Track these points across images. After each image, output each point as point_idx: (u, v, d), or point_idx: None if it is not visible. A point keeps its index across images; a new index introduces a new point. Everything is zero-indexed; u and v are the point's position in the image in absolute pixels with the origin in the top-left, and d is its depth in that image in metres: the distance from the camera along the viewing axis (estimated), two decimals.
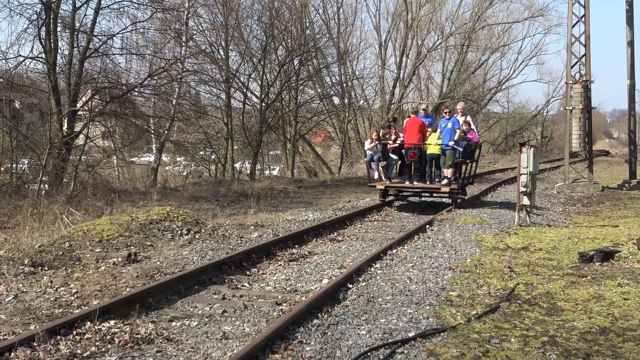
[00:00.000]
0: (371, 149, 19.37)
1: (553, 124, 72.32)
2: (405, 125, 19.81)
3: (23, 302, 8.52)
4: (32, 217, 15.28)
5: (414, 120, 19.38)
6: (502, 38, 62.04)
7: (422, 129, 19.12)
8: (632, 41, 27.95)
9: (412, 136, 19.10)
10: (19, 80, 25.62)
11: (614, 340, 7.22)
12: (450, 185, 18.36)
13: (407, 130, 19.42)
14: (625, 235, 13.72)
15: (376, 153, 19.40)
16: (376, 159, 19.45)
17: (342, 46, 48.16)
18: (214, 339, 7.21)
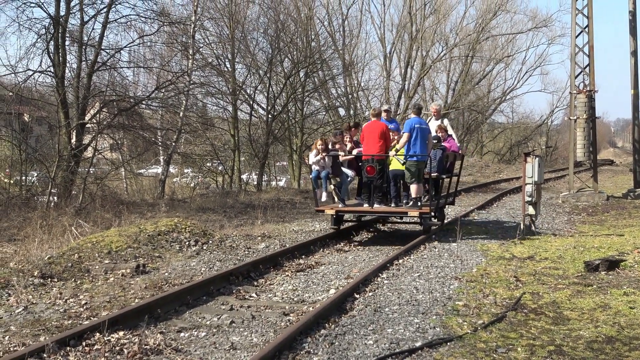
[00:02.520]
0: (317, 163, 15.01)
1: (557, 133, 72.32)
2: (363, 131, 15.45)
3: (33, 313, 8.54)
4: (41, 229, 15.30)
5: (374, 125, 15.06)
6: (506, 49, 62.06)
7: (385, 135, 14.82)
8: (635, 51, 27.92)
9: (372, 145, 14.77)
10: (28, 94, 25.70)
11: (620, 349, 7.20)
12: (419, 209, 14.34)
13: (366, 138, 15.05)
14: (630, 244, 13.68)
15: (324, 168, 15.01)
16: (324, 175, 14.99)
17: (347, 58, 48.20)
18: (222, 349, 7.21)
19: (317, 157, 14.94)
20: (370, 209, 14.95)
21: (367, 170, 14.47)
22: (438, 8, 57.20)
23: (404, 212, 14.62)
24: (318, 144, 15.15)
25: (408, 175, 14.42)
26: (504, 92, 64.85)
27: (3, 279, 10.07)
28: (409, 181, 14.50)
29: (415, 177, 14.32)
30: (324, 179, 15.02)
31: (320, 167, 14.99)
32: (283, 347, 6.96)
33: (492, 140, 66.28)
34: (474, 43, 57.99)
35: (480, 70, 61.68)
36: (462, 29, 59.33)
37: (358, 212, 15.80)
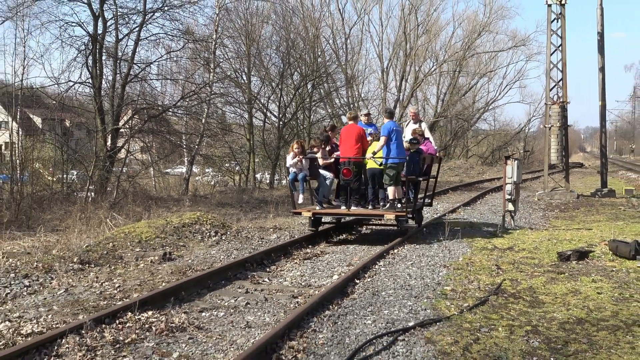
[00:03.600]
0: (294, 165, 13.66)
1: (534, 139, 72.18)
2: (341, 134, 14.08)
3: (72, 295, 8.55)
4: (80, 220, 15.33)
5: (351, 128, 13.72)
6: (489, 65, 62.12)
7: (362, 139, 13.56)
8: (603, 67, 27.90)
9: (348, 148, 13.48)
10: (69, 102, 25.80)
11: (589, 329, 7.18)
12: (396, 211, 13.03)
13: (343, 141, 13.74)
14: (598, 237, 13.65)
15: (301, 170, 13.66)
16: (301, 177, 13.63)
17: (349, 72, 48.30)
18: (238, 327, 7.21)
19: (294, 160, 13.57)
20: (346, 212, 13.50)
21: (344, 173, 13.22)
22: (429, 28, 57.41)
23: (381, 214, 13.16)
24: (295, 147, 13.74)
25: (386, 178, 13.01)
26: (487, 102, 64.90)
27: (47, 265, 10.08)
28: (387, 183, 13.05)
29: (393, 180, 12.97)
30: (301, 181, 13.67)
31: (297, 169, 13.65)
32: (292, 326, 6.96)
33: (477, 145, 66.20)
34: (460, 59, 58.11)
35: (466, 83, 61.79)
36: (450, 47, 59.45)
37: (335, 215, 14.04)
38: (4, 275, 9.42)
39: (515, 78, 65.13)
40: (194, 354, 6.22)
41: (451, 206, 21.35)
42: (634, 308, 8.09)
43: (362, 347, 6.39)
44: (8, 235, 13.74)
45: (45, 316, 7.37)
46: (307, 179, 13.82)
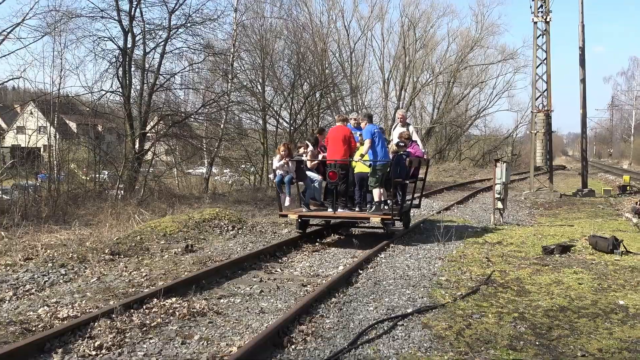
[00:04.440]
0: (281, 168, 12.45)
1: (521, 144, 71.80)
2: (328, 136, 12.74)
3: (104, 282, 8.58)
4: (111, 216, 15.36)
5: (339, 130, 12.35)
6: (480, 76, 62.02)
7: (348, 140, 12.26)
8: (584, 79, 27.83)
9: (335, 150, 12.24)
10: (101, 109, 25.88)
11: (571, 316, 7.17)
12: (382, 214, 11.87)
13: (330, 143, 12.46)
14: (579, 233, 13.64)
15: (288, 173, 12.47)
16: (287, 180, 12.44)
17: (353, 82, 48.34)
18: (253, 313, 7.22)
19: (280, 162, 12.40)
20: (333, 214, 12.26)
21: (329, 176, 12.18)
22: (427, 43, 57.47)
23: (367, 217, 12.12)
24: (281, 150, 12.61)
25: (372, 180, 11.92)
26: (479, 110, 64.76)
27: (81, 255, 10.12)
28: (372, 185, 11.95)
29: (378, 182, 11.89)
30: (287, 183, 12.48)
31: (283, 171, 12.46)
32: (302, 312, 6.96)
33: (469, 149, 66.00)
34: (454, 71, 58.14)
35: (460, 93, 61.71)
36: (445, 60, 59.51)
37: (321, 217, 12.79)
38: (42, 265, 9.47)
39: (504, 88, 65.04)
40: (213, 337, 6.23)
41: (446, 204, 21.31)
42: (611, 297, 8.08)
43: (365, 331, 6.40)
44: (46, 228, 13.79)
45: (79, 302, 7.40)
46: (293, 182, 12.56)
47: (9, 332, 6.19)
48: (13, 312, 6.97)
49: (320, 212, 12.63)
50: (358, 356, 5.69)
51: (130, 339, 6.07)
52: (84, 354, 5.65)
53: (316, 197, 12.95)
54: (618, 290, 8.50)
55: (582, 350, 5.97)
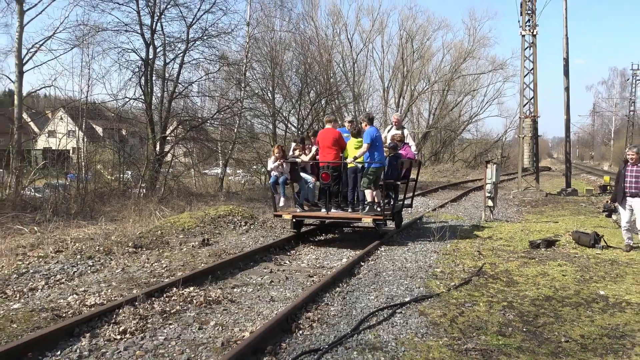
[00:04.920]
0: (275, 169, 11.94)
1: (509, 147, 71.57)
2: (317, 138, 11.87)
3: (128, 273, 8.61)
4: (134, 212, 15.40)
5: (327, 133, 11.49)
6: (472, 85, 61.85)
7: (338, 142, 11.47)
8: (568, 87, 27.71)
9: (327, 152, 11.49)
10: (125, 115, 25.92)
11: (555, 305, 7.16)
12: (373, 215, 11.02)
13: (320, 145, 11.66)
14: (563, 229, 13.60)
15: (282, 174, 11.97)
16: (281, 181, 11.98)
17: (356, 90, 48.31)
18: (264, 301, 7.23)
19: (275, 164, 11.86)
20: (325, 215, 11.53)
21: (322, 177, 11.53)
22: (423, 54, 57.41)
23: (358, 218, 11.27)
24: (275, 151, 12.06)
25: (365, 181, 11.03)
26: (471, 116, 64.57)
27: (107, 248, 10.15)
28: (364, 186, 11.06)
29: (371, 183, 11.03)
30: (282, 184, 12.01)
31: (278, 172, 11.93)
32: (309, 300, 6.97)
33: (462, 151, 65.82)
34: (449, 80, 58.05)
35: (453, 100, 61.56)
36: (440, 70, 59.43)
37: (314, 217, 12.02)
38: (71, 257, 9.51)
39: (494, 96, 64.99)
40: (227, 323, 6.25)
41: (441, 202, 21.28)
42: (593, 287, 8.06)
43: (367, 318, 6.40)
44: (75, 224, 13.82)
45: (105, 290, 7.43)
46: (287, 183, 12.10)
47: (42, 317, 6.23)
48: (45, 299, 7.01)
49: (313, 213, 11.89)
50: (360, 341, 5.70)
51: (151, 325, 6.09)
52: (110, 338, 5.67)
53: (309, 198, 12.31)
54: (599, 281, 8.48)
55: (565, 337, 5.96)
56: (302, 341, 5.68)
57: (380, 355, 5.32)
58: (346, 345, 5.57)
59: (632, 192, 10.72)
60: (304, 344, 5.60)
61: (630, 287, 8.13)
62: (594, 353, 5.52)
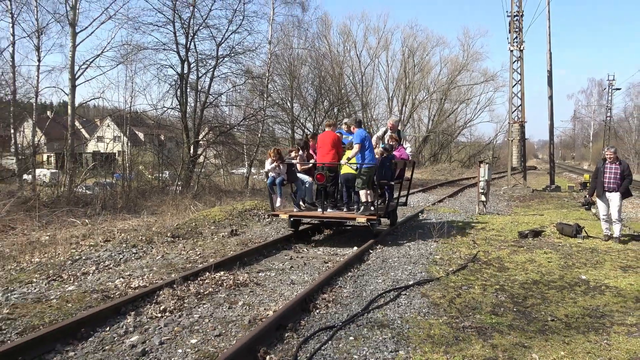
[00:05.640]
0: (273, 170, 10.89)
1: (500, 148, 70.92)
2: (318, 140, 11.18)
3: (167, 259, 8.66)
4: (171, 207, 15.50)
5: (327, 135, 10.81)
6: (466, 94, 61.48)
7: (337, 145, 10.76)
8: (551, 96, 27.43)
9: (324, 154, 10.73)
10: (163, 122, 26.09)
11: (542, 288, 7.09)
12: (367, 215, 10.05)
13: (319, 147, 10.97)
14: (548, 221, 13.46)
15: (279, 175, 10.90)
16: (278, 182, 10.90)
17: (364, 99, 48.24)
18: (285, 284, 7.23)
19: (272, 165, 10.83)
20: (321, 215, 10.52)
21: (317, 178, 10.50)
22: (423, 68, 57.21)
23: (353, 217, 10.22)
24: (271, 154, 10.94)
25: (359, 182, 10.08)
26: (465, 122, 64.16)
27: (148, 238, 10.21)
28: (358, 187, 10.14)
29: (365, 184, 10.09)
30: (279, 185, 10.95)
31: (275, 174, 10.89)
32: (324, 283, 6.96)
33: (457, 153, 65.39)
34: (446, 90, 57.77)
35: (450, 108, 61.28)
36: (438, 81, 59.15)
37: (310, 217, 10.85)
38: (118, 245, 9.58)
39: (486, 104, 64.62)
40: (253, 303, 6.25)
41: (439, 197, 21.16)
42: (575, 273, 7.97)
43: (375, 299, 6.38)
44: (121, 217, 13.94)
45: (147, 274, 7.48)
46: (284, 183, 11.00)
47: (93, 298, 6.27)
48: (96, 282, 7.06)
49: (309, 212, 10.83)
50: (370, 319, 5.67)
51: (188, 304, 6.11)
52: (152, 316, 5.70)
53: (307, 198, 11.32)
54: (581, 267, 8.38)
55: (551, 316, 5.89)
56: (318, 319, 5.67)
57: (387, 331, 5.30)
58: (357, 322, 5.55)
59: (610, 187, 10.61)
60: (321, 321, 5.59)
61: (608, 272, 8.03)
62: (577, 331, 5.45)
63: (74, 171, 20.33)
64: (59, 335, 4.93)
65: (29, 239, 10.32)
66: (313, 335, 5.15)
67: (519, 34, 27.01)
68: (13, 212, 12.68)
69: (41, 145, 24.81)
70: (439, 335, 5.20)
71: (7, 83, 19.92)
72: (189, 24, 23.32)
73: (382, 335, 5.17)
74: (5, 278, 7.31)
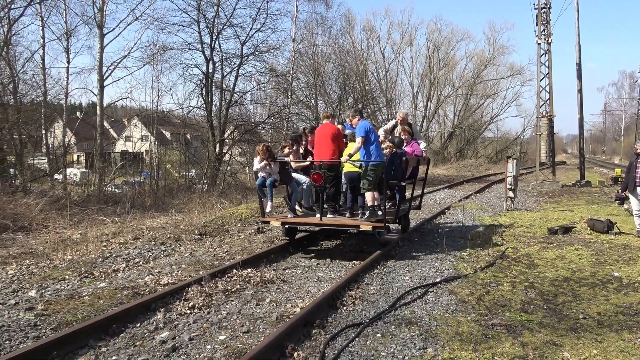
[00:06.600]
0: (263, 170, 9.08)
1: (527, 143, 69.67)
2: (315, 135, 9.44)
3: (195, 257, 8.75)
4: (198, 204, 15.63)
5: (325, 128, 9.09)
6: (493, 89, 60.47)
7: (337, 139, 9.01)
8: (581, 89, 26.88)
9: (323, 150, 9.03)
10: (189, 121, 26.42)
11: (573, 285, 6.96)
12: (373, 222, 8.35)
13: (317, 142, 9.25)
14: (578, 217, 13.21)
15: (270, 175, 9.08)
16: (269, 183, 9.06)
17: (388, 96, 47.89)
18: (312, 281, 7.25)
19: (261, 164, 9.03)
20: (319, 221, 8.73)
21: (314, 179, 8.67)
22: (448, 63, 56.60)
23: (356, 225, 8.44)
24: (260, 151, 9.08)
25: (365, 182, 8.44)
26: (492, 117, 63.16)
27: (176, 235, 10.34)
28: (364, 188, 8.47)
29: (372, 185, 8.43)
30: (269, 187, 9.10)
31: (266, 173, 9.08)
32: (351, 280, 6.96)
33: (484, 148, 64.51)
34: (471, 85, 57.03)
35: (476, 103, 60.34)
36: (464, 76, 58.41)
37: (305, 224, 9.25)
38: (147, 243, 9.73)
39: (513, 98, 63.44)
40: (280, 300, 6.29)
41: (466, 194, 20.92)
42: (607, 270, 7.81)
43: (402, 296, 6.35)
44: (149, 215, 14.15)
45: (176, 271, 7.57)
46: (276, 185, 9.27)
47: (124, 295, 6.38)
48: (126, 279, 7.19)
49: (305, 219, 9.13)
50: (397, 316, 5.65)
51: (216, 301, 6.18)
52: (181, 312, 5.78)
53: (304, 202, 9.64)
54: (613, 264, 8.21)
55: (583, 314, 5.78)
56: (346, 316, 5.67)
57: (415, 329, 5.27)
58: (385, 320, 5.53)
59: None
60: (348, 318, 5.59)
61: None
62: (610, 329, 5.34)
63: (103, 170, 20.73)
64: (92, 331, 5.03)
65: (61, 236, 10.56)
66: (340, 332, 5.16)
67: (547, 26, 26.50)
68: (46, 211, 12.98)
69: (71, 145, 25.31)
70: (468, 333, 5.15)
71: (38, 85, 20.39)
72: (213, 24, 23.55)
73: (409, 333, 5.15)
74: (39, 275, 7.50)
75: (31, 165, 19.97)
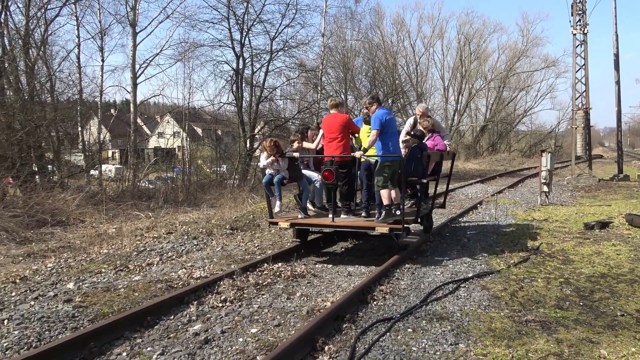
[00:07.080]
0: (270, 166, 8.30)
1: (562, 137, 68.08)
2: (322, 126, 8.50)
3: (226, 251, 8.85)
4: (230, 199, 15.79)
5: (333, 118, 8.24)
6: (526, 81, 59.24)
7: (346, 130, 8.20)
8: (618, 81, 26.06)
9: (331, 145, 8.20)
10: (220, 117, 26.66)
11: (610, 282, 6.79)
12: (390, 223, 7.58)
13: (325, 136, 8.37)
14: (616, 212, 12.83)
15: (278, 172, 8.28)
16: (276, 181, 8.24)
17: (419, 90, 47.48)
18: (342, 275, 7.25)
19: (268, 160, 8.27)
20: (331, 222, 8.03)
21: (325, 176, 7.90)
22: (480, 55, 55.71)
23: (371, 227, 7.77)
24: (267, 146, 8.33)
25: (380, 179, 7.68)
26: (525, 110, 61.92)
27: (208, 230, 10.47)
28: (379, 185, 7.71)
29: (387, 181, 7.66)
30: (277, 184, 8.30)
31: (274, 170, 8.31)
32: (381, 275, 6.93)
33: (517, 142, 63.36)
34: (504, 78, 56.02)
35: (509, 96, 59.24)
36: (496, 69, 57.43)
37: (316, 226, 8.36)
38: (180, 237, 9.88)
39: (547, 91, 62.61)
40: (311, 294, 6.31)
41: (499, 188, 20.57)
42: None
43: (434, 291, 6.30)
44: (182, 210, 14.36)
45: (208, 265, 7.67)
46: (284, 182, 8.41)
47: (158, 288, 6.51)
48: (160, 273, 7.32)
49: (316, 220, 8.39)
50: (428, 311, 5.61)
51: (247, 295, 6.24)
52: (213, 305, 5.86)
53: (316, 201, 9.13)
54: None
55: (621, 311, 5.64)
56: (376, 310, 5.66)
57: (447, 324, 5.22)
58: (416, 314, 5.50)
59: None
60: (378, 313, 5.58)
61: None
62: None
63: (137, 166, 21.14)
64: (127, 322, 5.14)
65: (97, 231, 10.82)
66: (371, 327, 5.15)
67: (583, 16, 25.79)
68: (82, 206, 13.32)
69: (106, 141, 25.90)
70: (501, 329, 5.08)
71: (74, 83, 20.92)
72: (243, 20, 23.71)
73: (441, 328, 5.11)
74: (77, 268, 7.71)
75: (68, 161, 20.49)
